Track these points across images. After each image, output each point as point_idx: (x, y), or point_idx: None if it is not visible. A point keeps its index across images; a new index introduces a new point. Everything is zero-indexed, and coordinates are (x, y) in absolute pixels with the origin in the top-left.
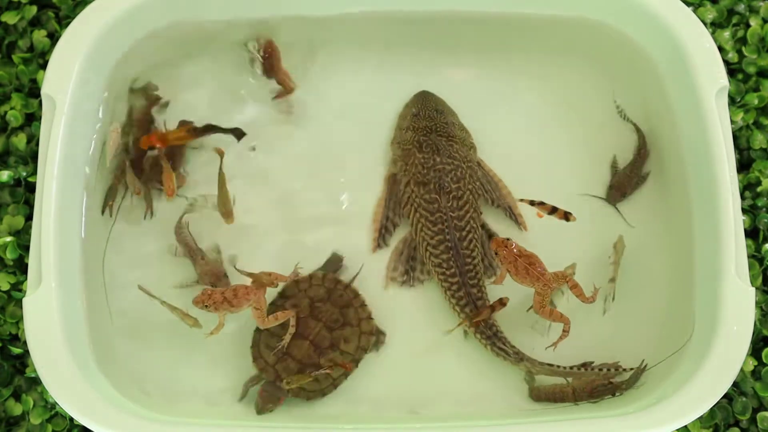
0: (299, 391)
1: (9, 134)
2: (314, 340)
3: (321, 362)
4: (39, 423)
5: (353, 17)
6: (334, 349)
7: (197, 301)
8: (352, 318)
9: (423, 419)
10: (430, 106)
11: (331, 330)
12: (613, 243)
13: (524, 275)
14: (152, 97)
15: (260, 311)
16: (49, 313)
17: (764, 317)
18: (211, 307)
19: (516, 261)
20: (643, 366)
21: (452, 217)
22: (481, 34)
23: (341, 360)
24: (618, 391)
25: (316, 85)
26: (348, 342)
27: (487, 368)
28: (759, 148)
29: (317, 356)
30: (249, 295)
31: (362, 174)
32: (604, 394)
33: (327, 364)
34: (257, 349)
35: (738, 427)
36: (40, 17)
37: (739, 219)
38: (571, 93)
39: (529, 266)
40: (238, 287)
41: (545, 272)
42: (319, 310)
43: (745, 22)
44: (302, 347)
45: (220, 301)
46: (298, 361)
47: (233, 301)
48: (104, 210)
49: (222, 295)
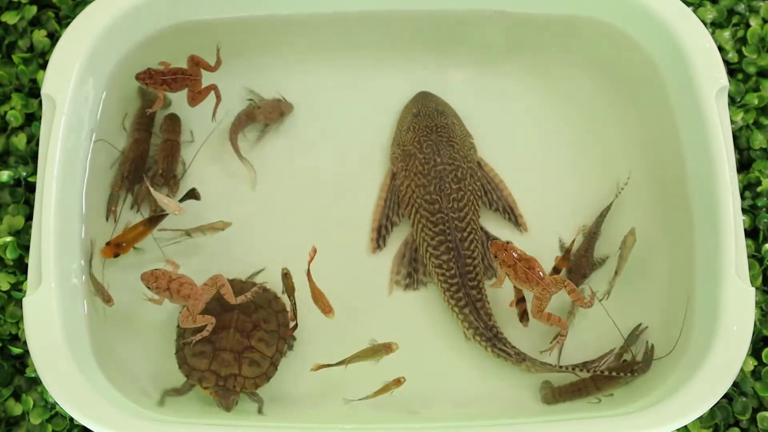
0: (244, 381)
1: (9, 134)
2: (237, 326)
3: (259, 336)
4: (39, 423)
5: (353, 17)
6: (259, 330)
7: (144, 276)
8: (261, 302)
9: (423, 419)
10: (430, 106)
11: (249, 314)
12: (623, 236)
13: (523, 279)
14: (152, 98)
15: (190, 314)
16: (49, 313)
17: (764, 317)
18: (153, 290)
19: (515, 265)
20: (650, 348)
21: (453, 217)
22: (481, 34)
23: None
24: (636, 370)
25: (316, 85)
26: (267, 322)
27: (487, 369)
28: (759, 148)
29: (247, 339)
30: (189, 298)
31: (362, 174)
32: (623, 375)
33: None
34: (182, 355)
35: (738, 427)
36: (40, 17)
37: (739, 219)
38: (571, 93)
39: (528, 270)
40: (184, 283)
41: (544, 276)
42: (227, 303)
43: (745, 22)
44: (229, 336)
45: (163, 288)
46: (230, 350)
47: (174, 295)
48: (108, 216)
49: (167, 284)
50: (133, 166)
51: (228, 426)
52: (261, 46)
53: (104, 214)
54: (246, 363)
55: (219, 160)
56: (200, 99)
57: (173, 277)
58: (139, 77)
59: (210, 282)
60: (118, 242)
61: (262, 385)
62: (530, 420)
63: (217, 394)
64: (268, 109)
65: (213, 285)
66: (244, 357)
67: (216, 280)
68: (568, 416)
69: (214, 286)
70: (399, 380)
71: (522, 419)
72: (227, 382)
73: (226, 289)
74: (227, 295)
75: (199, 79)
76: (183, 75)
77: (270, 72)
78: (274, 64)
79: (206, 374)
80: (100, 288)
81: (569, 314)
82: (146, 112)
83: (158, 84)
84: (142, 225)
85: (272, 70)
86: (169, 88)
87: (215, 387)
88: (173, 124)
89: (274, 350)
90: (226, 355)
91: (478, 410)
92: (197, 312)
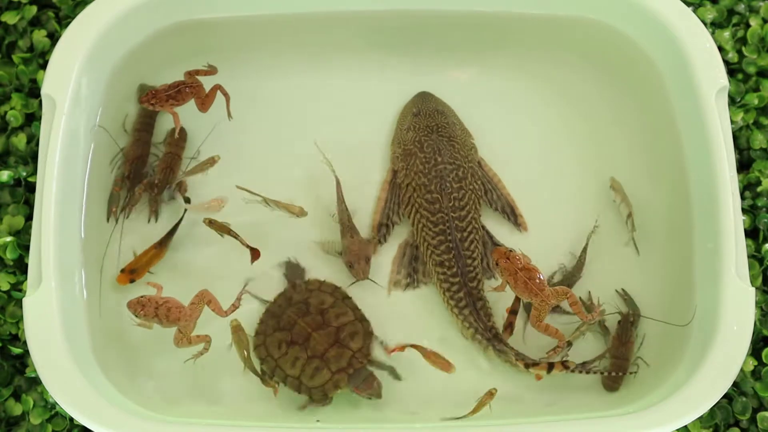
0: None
1: (9, 134)
2: (312, 326)
3: (342, 339)
4: (39, 423)
5: (353, 16)
6: (326, 311)
7: (131, 304)
8: (299, 297)
9: (423, 419)
10: (430, 106)
11: (306, 312)
12: (609, 186)
13: (522, 289)
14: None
15: (183, 336)
16: (49, 313)
17: (764, 317)
18: (140, 318)
19: (516, 274)
20: (632, 316)
21: (453, 217)
22: (481, 34)
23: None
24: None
25: (316, 86)
26: (323, 302)
27: (487, 369)
28: (759, 148)
29: (328, 326)
30: (180, 320)
31: (362, 174)
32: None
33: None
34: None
35: (738, 427)
36: (40, 17)
37: (739, 219)
38: (571, 93)
39: (528, 280)
40: (172, 307)
41: (544, 288)
42: (300, 309)
43: (745, 22)
44: (316, 339)
45: (152, 315)
46: (330, 345)
47: (163, 320)
48: (109, 217)
49: (155, 310)
50: (133, 167)
51: (228, 426)
52: (261, 46)
53: (104, 214)
54: (348, 339)
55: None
56: (209, 102)
57: (159, 302)
58: (142, 101)
59: (196, 300)
60: (132, 269)
61: (371, 340)
62: (530, 420)
63: (359, 388)
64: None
65: (200, 302)
66: (343, 338)
67: (202, 297)
68: (568, 416)
69: (202, 303)
70: (491, 392)
71: (522, 419)
72: (353, 366)
73: (214, 305)
74: (216, 310)
75: (201, 85)
76: (184, 85)
77: (270, 72)
78: (274, 64)
79: (335, 378)
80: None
81: (577, 331)
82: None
83: (164, 102)
84: (153, 248)
85: (272, 70)
86: (175, 102)
87: (351, 380)
88: (179, 138)
89: (351, 313)
90: (331, 352)
91: None
92: (190, 332)
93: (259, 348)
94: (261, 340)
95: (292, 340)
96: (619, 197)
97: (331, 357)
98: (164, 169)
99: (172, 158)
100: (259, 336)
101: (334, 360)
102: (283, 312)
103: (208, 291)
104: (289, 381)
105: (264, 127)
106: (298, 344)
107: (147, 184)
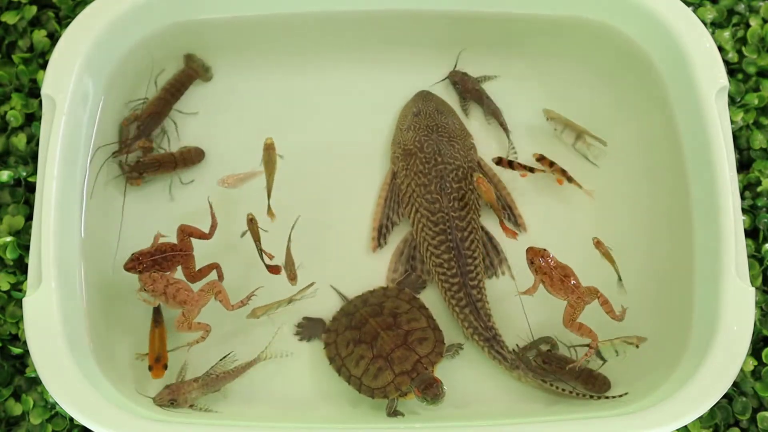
0: (428, 359)
1: (9, 134)
2: (381, 327)
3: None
4: (39, 423)
5: (353, 16)
6: (398, 316)
7: (143, 278)
8: (375, 298)
9: (423, 419)
10: (430, 106)
11: (380, 313)
12: (547, 116)
13: (559, 287)
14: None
15: (185, 320)
16: (49, 313)
17: (764, 317)
18: (149, 292)
19: (551, 272)
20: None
21: (454, 217)
22: (481, 35)
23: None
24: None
25: (316, 85)
26: (397, 306)
27: (486, 369)
28: (759, 148)
29: (398, 329)
30: (185, 304)
31: (362, 173)
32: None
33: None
34: (361, 385)
35: (738, 427)
36: (40, 17)
37: (739, 219)
38: (571, 93)
39: (564, 278)
40: (181, 289)
41: (579, 285)
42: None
43: (745, 22)
44: (384, 339)
45: (160, 292)
46: (397, 347)
47: (170, 299)
48: (122, 150)
49: (164, 288)
50: (149, 119)
51: (228, 426)
52: (262, 45)
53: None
54: (416, 344)
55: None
56: (199, 278)
57: (170, 281)
58: (127, 267)
59: (206, 288)
60: (156, 358)
61: (443, 349)
62: (530, 420)
63: (422, 390)
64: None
65: (209, 291)
66: (411, 342)
67: (213, 286)
68: (568, 416)
69: (211, 292)
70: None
71: (522, 419)
72: (417, 370)
73: (222, 296)
74: (224, 301)
75: (191, 252)
76: (173, 251)
77: (270, 72)
78: (274, 64)
79: (397, 380)
80: (290, 264)
81: (609, 342)
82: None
83: (149, 267)
84: (154, 330)
85: (272, 70)
86: (160, 269)
87: (415, 383)
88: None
89: (424, 320)
90: (397, 353)
91: (478, 410)
92: (192, 318)
93: (329, 347)
94: (332, 338)
95: (360, 339)
96: (560, 125)
97: (396, 358)
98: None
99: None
100: (330, 333)
101: (399, 361)
102: (356, 311)
103: (219, 282)
104: (353, 381)
105: (263, 128)
106: (365, 343)
107: (127, 121)
